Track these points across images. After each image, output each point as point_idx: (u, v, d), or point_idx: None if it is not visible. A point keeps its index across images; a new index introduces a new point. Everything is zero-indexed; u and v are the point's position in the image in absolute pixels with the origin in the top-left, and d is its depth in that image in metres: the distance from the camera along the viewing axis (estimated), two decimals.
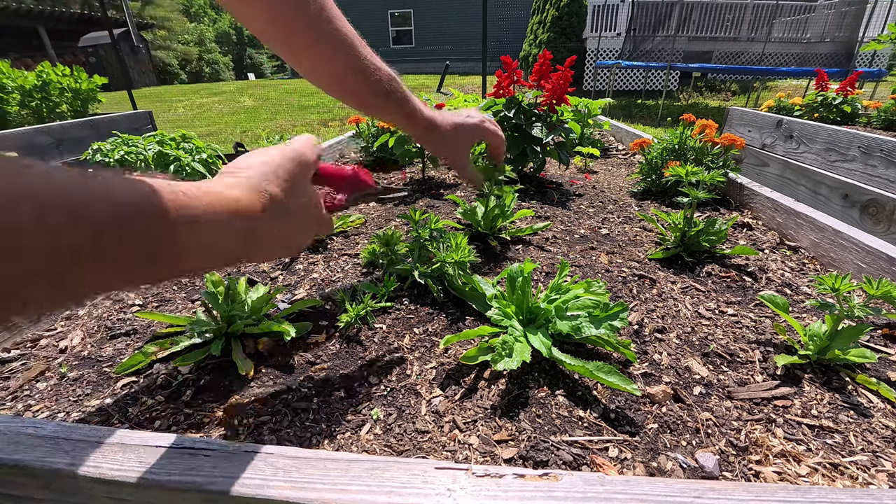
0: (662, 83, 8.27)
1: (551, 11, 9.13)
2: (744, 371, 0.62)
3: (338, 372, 0.60)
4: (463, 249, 0.74)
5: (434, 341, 0.66)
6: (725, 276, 0.87)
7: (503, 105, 1.35)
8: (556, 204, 1.28)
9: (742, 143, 1.30)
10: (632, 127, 2.29)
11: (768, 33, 7.35)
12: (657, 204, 1.30)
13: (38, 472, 0.38)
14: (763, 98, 6.75)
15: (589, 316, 0.61)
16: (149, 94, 10.68)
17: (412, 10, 17.25)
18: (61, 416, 0.53)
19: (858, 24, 6.28)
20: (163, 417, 0.53)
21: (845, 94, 2.37)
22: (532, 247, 0.99)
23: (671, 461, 0.47)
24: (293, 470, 0.37)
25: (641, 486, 0.36)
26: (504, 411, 0.53)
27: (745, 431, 0.51)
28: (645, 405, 0.55)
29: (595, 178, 1.58)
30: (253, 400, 0.55)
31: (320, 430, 0.51)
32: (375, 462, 0.38)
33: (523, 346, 0.57)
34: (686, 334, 0.69)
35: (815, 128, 2.04)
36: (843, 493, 0.35)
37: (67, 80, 3.19)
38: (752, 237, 1.08)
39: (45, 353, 0.65)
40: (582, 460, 0.47)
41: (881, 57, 8.33)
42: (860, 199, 1.67)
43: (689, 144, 1.39)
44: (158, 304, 0.78)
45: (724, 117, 2.85)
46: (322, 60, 0.62)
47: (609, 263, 0.91)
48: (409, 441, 0.49)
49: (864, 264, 0.84)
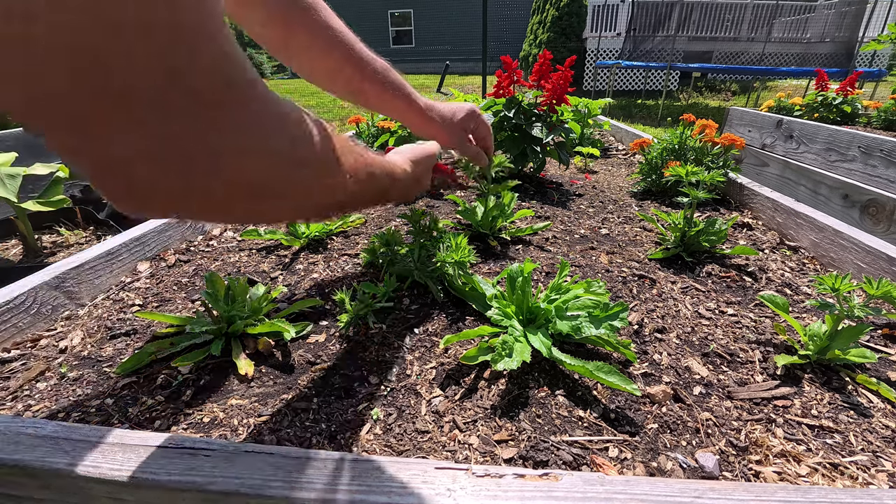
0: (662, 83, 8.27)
1: (551, 11, 9.13)
2: (744, 371, 0.62)
3: (338, 372, 0.60)
4: (463, 249, 0.74)
5: (434, 341, 0.66)
6: (725, 276, 0.87)
7: (503, 105, 1.35)
8: (556, 204, 1.28)
9: (742, 143, 1.30)
10: (632, 127, 2.29)
11: (768, 33, 7.35)
12: (657, 204, 1.30)
13: (38, 472, 0.38)
14: (763, 98, 6.75)
15: (589, 316, 0.61)
16: None
17: (412, 10, 17.25)
18: (61, 416, 0.53)
19: (858, 24, 6.28)
20: (163, 417, 0.53)
21: (845, 94, 2.37)
22: (532, 247, 0.99)
23: (671, 461, 0.47)
24: (293, 470, 0.37)
25: (641, 486, 0.36)
26: (504, 411, 0.53)
27: (745, 431, 0.51)
28: (645, 405, 0.55)
29: (595, 178, 1.58)
30: (253, 400, 0.55)
31: (320, 430, 0.51)
32: (375, 462, 0.38)
33: (523, 346, 0.57)
34: (686, 334, 0.69)
35: (815, 128, 2.04)
36: (843, 493, 0.35)
37: None
38: (752, 237, 1.08)
39: (45, 353, 0.65)
40: (582, 460, 0.47)
41: (881, 57, 8.33)
42: (860, 199, 1.67)
43: (689, 144, 1.39)
44: (158, 304, 0.78)
45: (724, 117, 2.85)
46: (319, 57, 0.63)
47: (609, 263, 0.91)
48: (409, 441, 0.49)
49: (864, 264, 0.84)
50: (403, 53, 17.77)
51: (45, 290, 0.72)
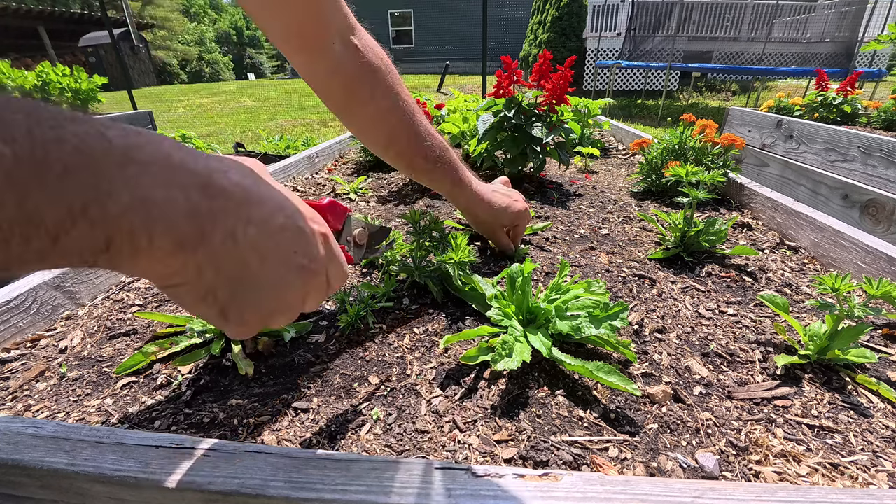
0: (662, 83, 8.27)
1: (551, 11, 9.13)
2: (744, 371, 0.62)
3: (338, 372, 0.60)
4: (463, 250, 0.74)
5: (434, 341, 0.66)
6: (725, 276, 0.87)
7: (503, 105, 1.34)
8: (556, 204, 1.28)
9: (742, 143, 1.30)
10: (632, 127, 2.29)
11: (768, 33, 7.35)
12: (657, 204, 1.30)
13: (38, 472, 0.38)
14: (763, 98, 6.75)
15: (589, 316, 0.61)
16: (149, 94, 10.68)
17: (412, 10, 17.25)
18: (61, 416, 0.53)
19: (858, 24, 6.29)
20: (163, 417, 0.53)
21: (845, 94, 2.37)
22: (532, 247, 0.99)
23: (671, 461, 0.47)
24: (293, 470, 0.37)
25: (641, 486, 0.36)
26: (504, 411, 0.53)
27: (746, 431, 0.51)
28: (645, 405, 0.55)
29: (595, 178, 1.58)
30: (253, 400, 0.55)
31: (320, 430, 0.51)
32: (375, 462, 0.38)
33: (523, 346, 0.57)
34: (686, 334, 0.69)
35: (815, 128, 2.04)
36: (843, 493, 0.35)
37: (67, 79, 3.19)
38: (752, 237, 1.08)
39: (45, 353, 0.65)
40: (582, 460, 0.47)
41: (881, 57, 8.33)
42: (860, 199, 1.67)
43: (689, 144, 1.39)
44: (158, 304, 0.78)
45: (724, 117, 2.85)
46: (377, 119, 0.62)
47: (609, 263, 0.91)
48: (409, 441, 0.49)
49: (864, 264, 0.84)
50: (403, 53, 17.76)
51: (45, 290, 0.72)
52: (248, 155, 2.78)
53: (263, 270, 0.30)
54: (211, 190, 0.27)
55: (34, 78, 3.03)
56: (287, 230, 0.31)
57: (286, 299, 0.33)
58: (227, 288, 0.30)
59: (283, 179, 1.45)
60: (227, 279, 0.29)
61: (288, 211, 0.32)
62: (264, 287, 0.31)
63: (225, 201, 0.28)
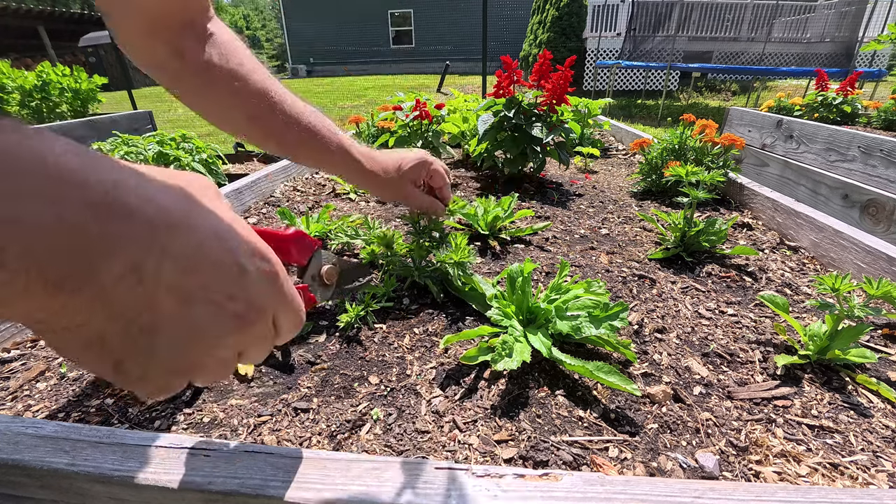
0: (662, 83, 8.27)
1: (551, 11, 9.13)
2: (744, 371, 0.62)
3: (338, 372, 0.60)
4: (463, 250, 0.74)
5: (434, 341, 0.66)
6: (725, 276, 0.87)
7: (503, 105, 1.34)
8: (556, 204, 1.28)
9: (742, 143, 1.30)
10: (632, 127, 2.29)
11: (768, 33, 7.35)
12: (657, 204, 1.30)
13: (38, 472, 0.38)
14: (763, 98, 6.75)
15: (589, 316, 0.61)
16: (149, 94, 10.67)
17: (412, 10, 17.24)
18: (61, 416, 0.53)
19: (858, 24, 6.29)
20: (163, 417, 0.53)
21: (845, 94, 2.37)
22: (532, 247, 0.99)
23: (671, 461, 0.47)
24: (293, 470, 0.37)
25: (641, 486, 0.36)
26: (504, 411, 0.53)
27: (745, 431, 0.51)
28: (645, 405, 0.55)
29: (595, 178, 1.58)
30: (253, 400, 0.55)
31: (320, 430, 0.51)
32: (375, 462, 0.38)
33: (523, 346, 0.57)
34: (686, 334, 0.69)
35: (815, 128, 2.04)
36: (843, 493, 0.35)
37: (67, 79, 3.20)
38: (752, 237, 1.08)
39: (45, 353, 0.65)
40: (582, 460, 0.47)
41: (881, 57, 8.33)
42: (860, 198, 1.67)
43: (689, 144, 1.39)
44: None
45: (724, 117, 2.85)
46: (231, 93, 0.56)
47: (609, 263, 0.91)
48: (409, 441, 0.49)
49: (864, 264, 0.84)
50: (403, 53, 17.77)
51: None
52: (248, 155, 2.78)
53: (182, 316, 0.24)
54: (107, 210, 0.20)
55: (34, 78, 3.03)
56: (221, 267, 0.25)
57: (213, 353, 0.26)
58: (124, 336, 0.23)
59: (283, 180, 1.45)
60: (126, 325, 0.22)
61: (228, 243, 0.25)
62: (181, 338, 0.24)
63: (128, 225, 0.21)
